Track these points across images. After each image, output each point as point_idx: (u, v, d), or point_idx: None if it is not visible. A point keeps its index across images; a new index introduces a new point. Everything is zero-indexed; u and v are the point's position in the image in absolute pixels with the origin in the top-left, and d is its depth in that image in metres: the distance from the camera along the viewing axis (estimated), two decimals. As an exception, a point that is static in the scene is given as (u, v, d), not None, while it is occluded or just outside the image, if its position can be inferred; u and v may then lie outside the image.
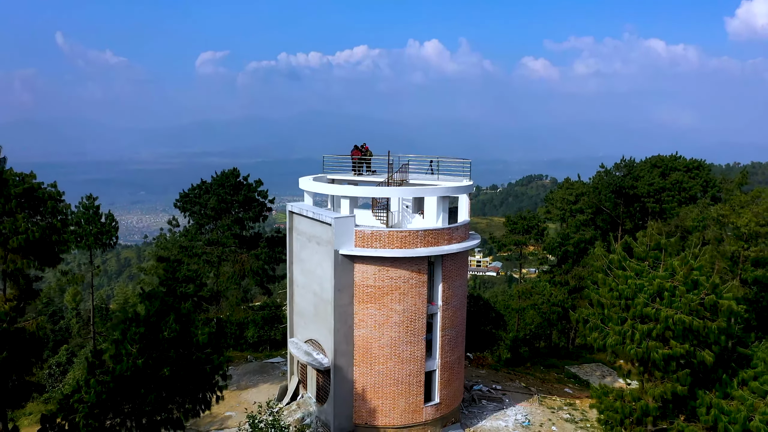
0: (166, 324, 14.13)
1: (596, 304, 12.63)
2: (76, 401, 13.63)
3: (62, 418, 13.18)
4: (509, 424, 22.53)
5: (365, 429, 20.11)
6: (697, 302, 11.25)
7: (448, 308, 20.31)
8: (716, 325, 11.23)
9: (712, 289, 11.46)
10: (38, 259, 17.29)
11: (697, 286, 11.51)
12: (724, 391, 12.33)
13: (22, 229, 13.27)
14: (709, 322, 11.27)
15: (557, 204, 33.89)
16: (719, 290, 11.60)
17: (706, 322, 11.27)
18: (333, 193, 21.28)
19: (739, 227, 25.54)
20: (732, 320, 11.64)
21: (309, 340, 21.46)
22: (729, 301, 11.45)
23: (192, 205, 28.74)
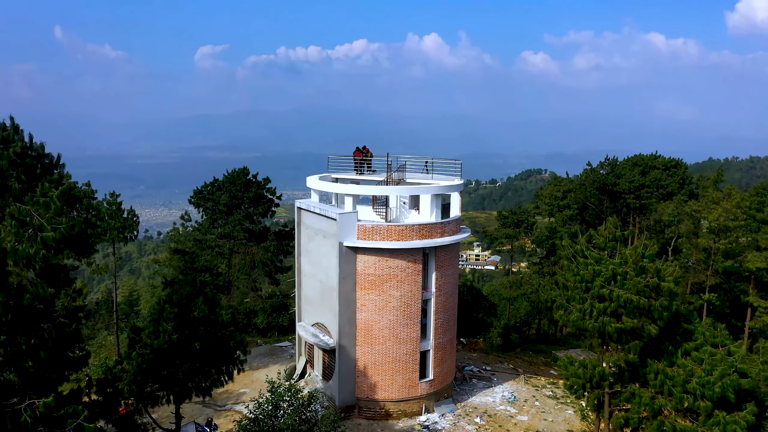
0: (195, 305, 16.39)
1: (562, 287, 14.87)
2: (119, 371, 15.92)
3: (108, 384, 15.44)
4: (497, 400, 24.91)
5: (366, 402, 22.46)
6: (643, 284, 13.47)
7: (441, 294, 22.60)
8: (659, 303, 13.46)
9: (655, 274, 13.70)
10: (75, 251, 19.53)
11: (644, 272, 13.73)
12: (671, 360, 14.59)
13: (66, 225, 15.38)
14: (653, 301, 13.50)
15: (545, 200, 36.13)
16: (662, 275, 13.83)
17: (650, 301, 13.50)
18: (337, 191, 23.48)
19: (710, 222, 27.79)
20: (672, 299, 13.87)
21: (316, 324, 23.76)
22: (669, 284, 13.69)
23: (205, 201, 30.93)
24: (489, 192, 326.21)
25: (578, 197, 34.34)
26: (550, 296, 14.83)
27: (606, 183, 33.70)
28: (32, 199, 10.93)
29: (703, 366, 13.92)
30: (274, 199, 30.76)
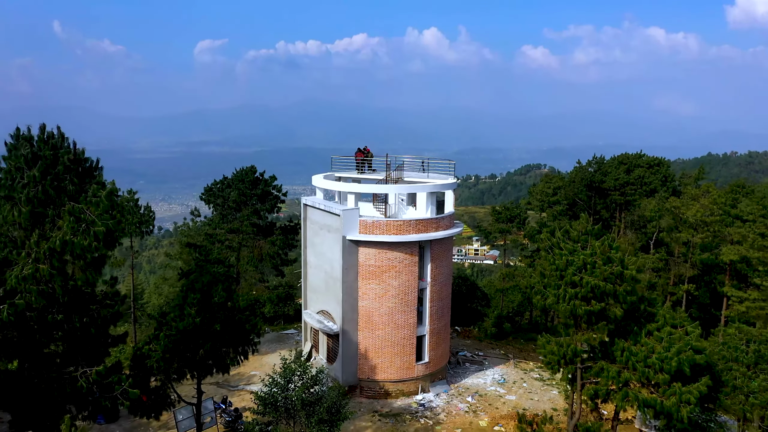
0: (215, 292, 18.35)
1: (539, 275, 16.83)
2: (148, 350, 17.90)
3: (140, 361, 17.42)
4: (487, 382, 27.00)
5: (368, 383, 24.53)
6: (609, 272, 15.40)
7: (436, 284, 24.61)
8: (622, 288, 15.41)
9: (619, 263, 15.65)
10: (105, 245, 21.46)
11: (610, 261, 15.67)
12: (635, 339, 16.57)
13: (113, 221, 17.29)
14: (618, 286, 15.44)
15: (537, 196, 38.09)
16: (625, 264, 15.77)
17: (615, 287, 15.44)
18: (340, 189, 25.42)
19: (688, 217, 29.76)
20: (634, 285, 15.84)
21: (321, 311, 25.79)
22: (631, 272, 15.63)
23: (215, 197, 32.87)
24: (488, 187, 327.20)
25: (568, 194, 36.30)
26: (530, 283, 16.79)
27: (593, 180, 35.67)
28: (85, 198, 12.86)
29: (663, 344, 15.92)
30: (280, 195, 32.71)
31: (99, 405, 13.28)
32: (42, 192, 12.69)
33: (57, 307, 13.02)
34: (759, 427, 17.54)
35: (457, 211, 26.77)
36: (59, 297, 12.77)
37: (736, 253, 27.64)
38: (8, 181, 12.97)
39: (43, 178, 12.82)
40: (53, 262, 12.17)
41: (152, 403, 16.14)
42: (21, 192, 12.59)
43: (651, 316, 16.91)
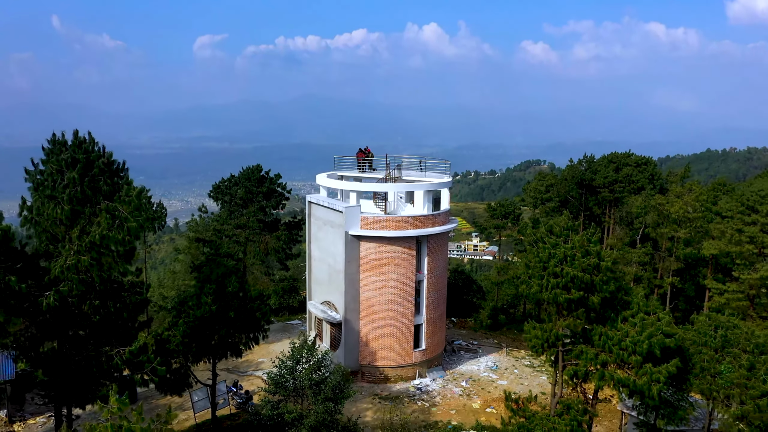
0: (229, 282, 20.03)
1: (524, 266, 18.48)
2: (168, 335, 19.58)
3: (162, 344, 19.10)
4: (481, 368, 28.75)
5: (368, 368, 26.27)
6: (587, 264, 17.03)
7: (432, 276, 26.29)
8: (599, 278, 17.05)
9: (596, 256, 17.28)
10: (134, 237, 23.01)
11: (588, 254, 17.29)
12: (612, 325, 18.24)
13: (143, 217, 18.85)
14: (595, 276, 17.08)
15: (531, 193, 39.71)
16: (602, 256, 17.40)
17: (592, 277, 17.08)
18: (343, 188, 27.04)
19: (671, 213, 31.42)
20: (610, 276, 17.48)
21: (324, 302, 27.48)
22: (607, 263, 17.26)
23: (223, 195, 34.50)
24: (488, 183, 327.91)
25: (560, 191, 37.91)
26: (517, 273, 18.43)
27: (584, 178, 37.27)
28: (119, 198, 14.49)
29: (636, 328, 17.59)
30: (284, 193, 34.33)
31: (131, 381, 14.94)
32: (80, 192, 14.31)
33: (94, 294, 14.67)
34: (724, 405, 19.23)
35: (456, 206, 28.51)
36: (96, 285, 14.42)
37: (716, 247, 29.31)
38: (50, 182, 14.58)
39: (81, 180, 14.43)
40: (92, 254, 13.81)
41: (174, 382, 17.83)
42: (63, 192, 14.20)
43: (626, 304, 18.58)
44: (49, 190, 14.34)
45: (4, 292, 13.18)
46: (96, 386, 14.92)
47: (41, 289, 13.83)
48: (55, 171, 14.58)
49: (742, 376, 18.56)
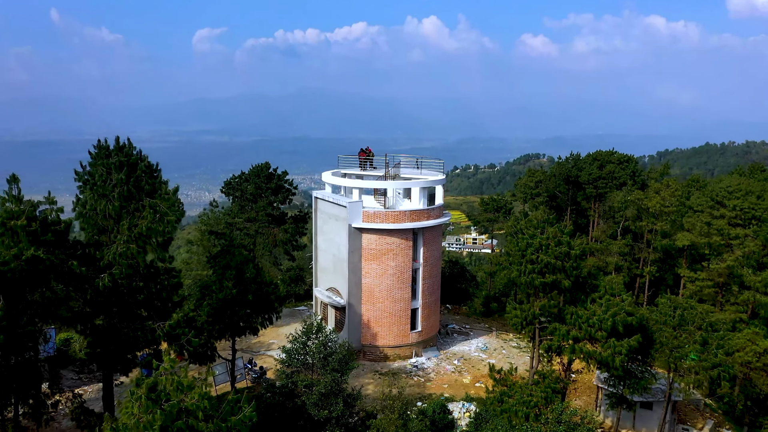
0: (247, 269, 22.70)
1: (506, 254, 21.15)
2: (195, 315, 22.27)
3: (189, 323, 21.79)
4: (472, 349, 31.54)
5: (369, 348, 29.03)
6: (559, 252, 19.67)
7: (427, 264, 28.99)
8: (569, 264, 19.72)
9: (567, 245, 19.90)
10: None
11: (561, 243, 19.93)
12: (582, 306, 20.95)
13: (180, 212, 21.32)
14: (565, 263, 19.73)
15: (521, 188, 42.32)
16: (572, 245, 20.02)
17: (563, 263, 19.73)
18: (346, 185, 29.64)
19: (649, 208, 34.06)
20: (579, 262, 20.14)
21: (330, 288, 30.20)
22: (576, 251, 19.90)
23: (234, 190, 37.11)
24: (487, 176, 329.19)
25: (548, 187, 40.52)
26: (499, 260, 21.09)
27: (570, 175, 39.86)
28: (159, 195, 17.11)
29: (602, 308, 20.32)
30: (291, 189, 36.95)
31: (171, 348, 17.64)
32: (127, 191, 16.94)
33: (138, 277, 17.35)
34: (681, 375, 21.99)
35: (455, 200, 31.27)
36: (141, 269, 17.09)
37: (688, 239, 31.97)
38: (100, 182, 17.19)
39: (127, 180, 17.05)
40: (139, 243, 16.46)
41: (202, 355, 20.54)
42: (112, 191, 16.83)
43: (595, 287, 21.31)
44: (100, 189, 16.94)
45: (68, 274, 15.84)
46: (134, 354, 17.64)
47: (96, 272, 16.49)
48: (104, 173, 17.18)
49: (696, 350, 21.35)
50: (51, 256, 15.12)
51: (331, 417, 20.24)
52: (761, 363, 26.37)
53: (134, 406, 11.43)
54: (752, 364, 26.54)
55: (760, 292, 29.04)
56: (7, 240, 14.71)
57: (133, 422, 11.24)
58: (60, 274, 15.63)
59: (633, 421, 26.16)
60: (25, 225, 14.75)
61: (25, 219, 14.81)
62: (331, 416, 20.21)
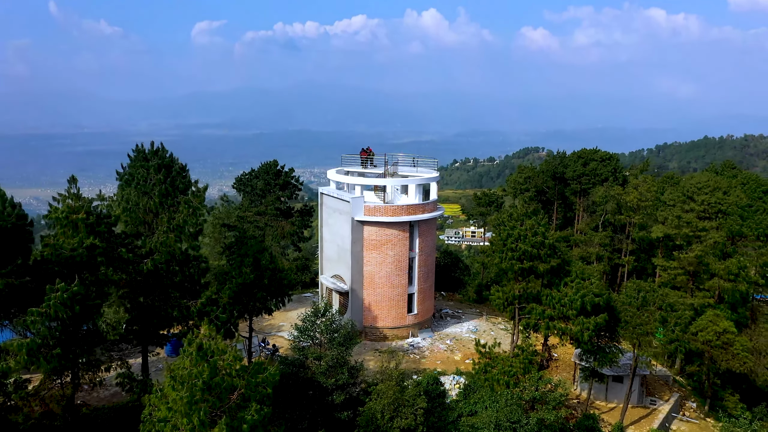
0: (263, 257, 25.71)
1: (491, 243, 24.18)
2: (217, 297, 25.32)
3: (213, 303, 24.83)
4: (463, 330, 34.67)
5: (370, 329, 32.15)
6: (535, 241, 22.67)
7: (422, 254, 32.04)
8: (543, 252, 22.71)
9: (542, 235, 22.88)
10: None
11: (537, 234, 22.92)
12: (557, 288, 24.02)
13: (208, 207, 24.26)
14: (541, 251, 22.73)
15: (511, 184, 45.29)
16: (546, 235, 22.99)
17: (539, 251, 22.72)
18: (349, 182, 32.60)
19: (627, 202, 37.04)
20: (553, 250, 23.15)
21: (334, 275, 33.27)
22: (550, 240, 22.85)
23: (245, 186, 40.07)
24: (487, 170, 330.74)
25: (537, 183, 43.47)
26: (484, 248, 24.12)
27: (556, 171, 42.81)
28: (192, 193, 20.08)
29: (573, 290, 23.41)
30: (298, 185, 39.93)
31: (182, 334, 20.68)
32: (165, 189, 19.91)
33: (175, 262, 20.36)
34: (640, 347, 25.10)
35: (454, 194, 34.26)
36: (177, 256, 20.10)
37: (662, 231, 34.98)
38: (142, 181, 20.15)
39: (165, 180, 20.02)
40: (176, 233, 19.46)
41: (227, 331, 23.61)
42: (153, 189, 19.80)
43: (568, 272, 24.38)
44: (142, 187, 19.92)
45: (117, 259, 18.85)
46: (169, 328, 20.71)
47: (139, 258, 19.50)
48: (145, 173, 20.14)
49: (656, 327, 24.46)
50: (104, 243, 18.12)
51: (337, 385, 23.37)
52: (720, 341, 29.54)
53: (186, 360, 14.47)
54: (712, 343, 29.72)
55: (724, 279, 32.08)
56: (70, 231, 17.68)
57: (185, 373, 14.29)
58: (111, 259, 18.63)
59: (606, 393, 29.38)
60: (84, 218, 17.71)
61: (83, 213, 17.76)
62: (337, 384, 23.33)
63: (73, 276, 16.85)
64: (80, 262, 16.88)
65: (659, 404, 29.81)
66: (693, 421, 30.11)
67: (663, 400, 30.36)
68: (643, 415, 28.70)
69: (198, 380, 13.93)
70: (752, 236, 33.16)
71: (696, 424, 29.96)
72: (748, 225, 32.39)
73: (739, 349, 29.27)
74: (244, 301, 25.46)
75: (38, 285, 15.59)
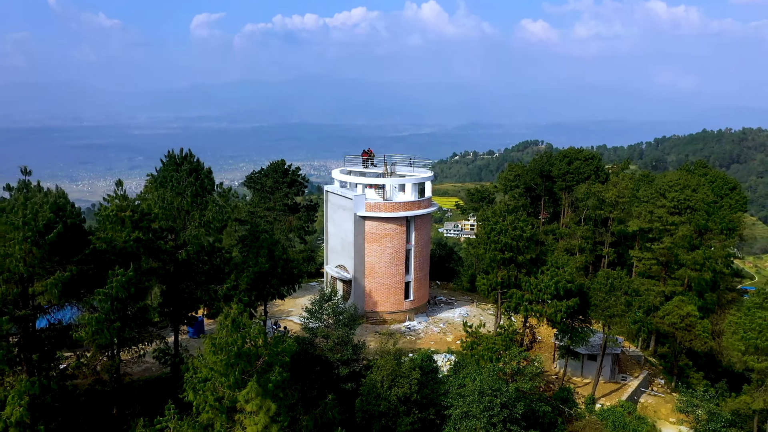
0: (276, 248, 29.11)
1: (476, 236, 27.58)
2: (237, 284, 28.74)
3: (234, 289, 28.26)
4: (455, 315, 38.18)
5: (371, 314, 35.64)
6: (514, 234, 26.03)
7: (418, 246, 35.45)
8: (521, 244, 26.08)
9: (521, 229, 26.23)
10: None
11: (516, 228, 26.27)
12: (535, 276, 27.43)
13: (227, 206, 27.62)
14: (520, 243, 26.08)
15: (502, 181, 48.61)
16: (525, 229, 26.33)
17: (518, 243, 26.06)
18: (352, 181, 35.91)
19: (606, 199, 40.39)
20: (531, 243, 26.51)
21: (338, 265, 36.70)
22: (528, 233, 26.19)
23: (255, 183, 43.40)
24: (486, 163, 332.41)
25: (525, 180, 46.78)
26: (469, 241, 27.50)
27: (543, 170, 46.12)
28: (218, 192, 23.42)
29: (548, 277, 26.82)
30: (304, 183, 43.29)
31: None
32: (195, 190, 23.25)
33: (204, 252, 23.76)
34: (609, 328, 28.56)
35: (454, 187, 37.62)
36: (206, 247, 23.50)
37: (637, 225, 38.37)
38: (176, 183, 23.47)
39: (195, 182, 23.35)
40: (206, 228, 22.84)
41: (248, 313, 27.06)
42: (186, 190, 23.14)
43: (544, 262, 27.81)
44: (176, 188, 23.25)
45: (156, 250, 22.23)
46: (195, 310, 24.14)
47: (175, 249, 22.89)
48: (179, 177, 23.47)
49: (622, 309, 27.94)
50: (146, 236, 21.49)
51: (342, 360, 26.86)
52: (684, 324, 33.09)
53: (223, 331, 17.89)
54: (677, 325, 33.27)
55: (691, 268, 35.51)
56: (118, 226, 21.03)
57: (223, 341, 17.72)
58: (151, 250, 22.01)
59: (581, 370, 32.95)
60: (130, 215, 21.05)
61: (129, 211, 21.10)
62: (342, 359, 26.82)
63: (123, 264, 20.22)
64: (130, 252, 20.24)
65: (629, 380, 33.37)
66: (660, 395, 33.70)
67: (633, 377, 33.93)
68: (614, 389, 32.27)
69: (233, 347, 17.41)
70: (716, 230, 36.51)
71: (662, 397, 33.55)
72: (713, 220, 35.72)
73: (700, 330, 32.81)
74: (259, 288, 28.92)
75: (98, 271, 18.95)
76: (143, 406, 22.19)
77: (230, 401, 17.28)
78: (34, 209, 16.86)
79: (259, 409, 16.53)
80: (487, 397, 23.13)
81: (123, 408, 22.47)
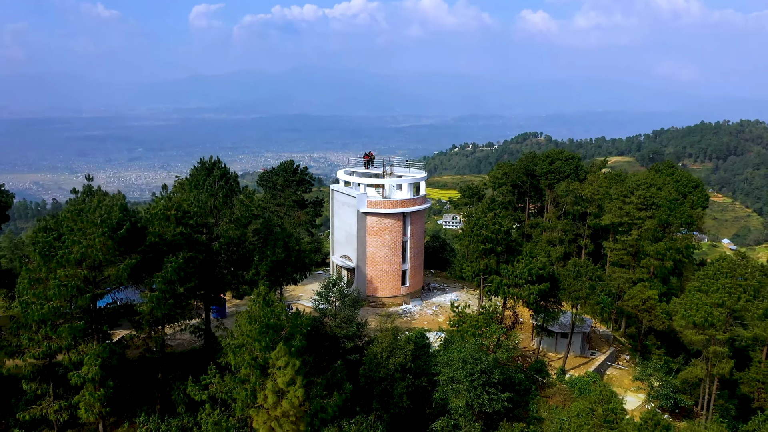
0: (290, 240, 33.79)
1: (462, 230, 32.25)
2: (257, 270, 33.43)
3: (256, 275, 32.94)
4: (447, 300, 42.99)
5: (372, 298, 40.44)
6: (493, 229, 30.67)
7: (413, 238, 40.15)
8: (499, 237, 30.74)
9: (499, 225, 30.88)
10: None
11: (495, 223, 30.91)
12: (512, 264, 32.16)
13: (251, 204, 32.20)
14: (498, 236, 30.74)
15: (491, 178, 53.23)
16: (502, 223, 30.97)
17: (497, 236, 30.69)
18: (354, 181, 40.48)
19: (583, 195, 44.99)
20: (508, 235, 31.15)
21: (343, 255, 41.44)
22: (505, 227, 30.83)
23: (266, 182, 48.00)
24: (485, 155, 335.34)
25: (512, 177, 51.39)
26: (456, 234, 32.24)
27: (528, 168, 50.72)
28: (244, 194, 27.99)
29: (523, 264, 31.56)
30: (311, 181, 47.92)
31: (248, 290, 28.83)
32: (225, 192, 27.84)
33: (232, 244, 28.43)
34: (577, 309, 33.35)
35: (452, 180, 42.21)
36: (234, 240, 28.16)
37: (608, 219, 43.02)
38: (209, 186, 28.04)
39: (225, 185, 27.94)
40: (235, 224, 27.46)
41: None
42: (218, 192, 27.74)
43: (519, 252, 32.54)
44: (209, 190, 27.84)
45: (195, 242, 26.87)
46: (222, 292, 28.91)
47: (209, 241, 27.53)
48: (211, 180, 28.04)
49: (587, 293, 32.72)
50: (188, 231, 26.13)
51: (347, 336, 31.63)
52: (645, 306, 37.90)
53: (255, 306, 22.58)
54: (639, 307, 38.10)
55: (654, 257, 40.23)
56: (165, 222, 25.65)
57: (256, 314, 22.42)
58: (191, 242, 26.66)
59: (555, 347, 37.85)
60: (175, 213, 25.66)
61: (174, 210, 25.71)
62: (347, 335, 31.59)
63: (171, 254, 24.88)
64: (176, 244, 24.90)
65: (597, 355, 38.30)
66: (624, 369, 38.65)
67: (601, 353, 38.85)
68: (583, 362, 37.18)
69: (264, 318, 22.12)
70: (677, 224, 41.16)
71: (626, 370, 38.49)
72: (675, 215, 40.33)
73: (659, 312, 37.64)
74: (276, 274, 33.66)
75: (152, 259, 23.61)
76: (183, 372, 26.95)
77: (263, 360, 22.01)
78: (108, 210, 21.47)
79: (286, 365, 21.29)
80: (469, 364, 27.91)
81: (166, 373, 27.26)
